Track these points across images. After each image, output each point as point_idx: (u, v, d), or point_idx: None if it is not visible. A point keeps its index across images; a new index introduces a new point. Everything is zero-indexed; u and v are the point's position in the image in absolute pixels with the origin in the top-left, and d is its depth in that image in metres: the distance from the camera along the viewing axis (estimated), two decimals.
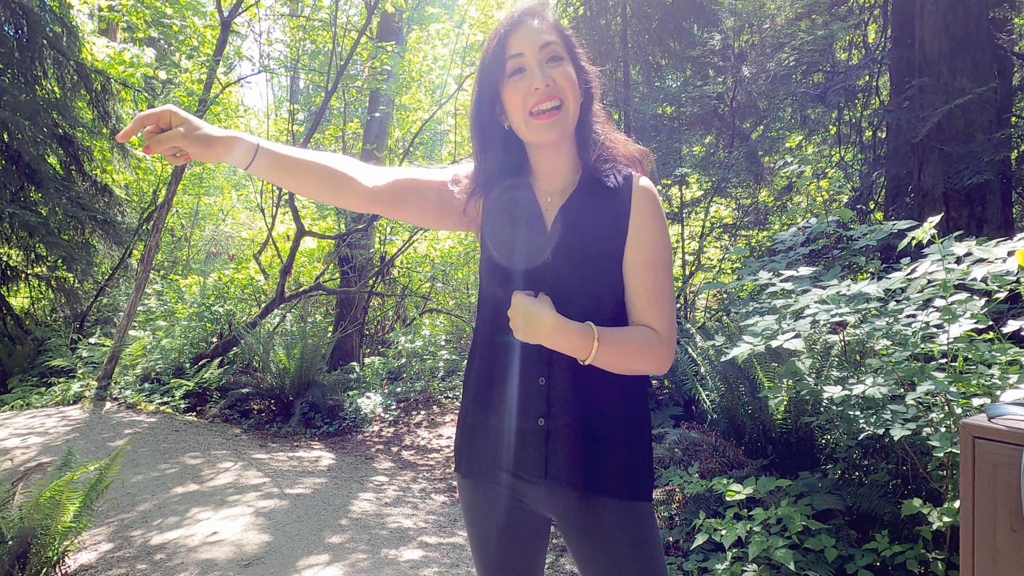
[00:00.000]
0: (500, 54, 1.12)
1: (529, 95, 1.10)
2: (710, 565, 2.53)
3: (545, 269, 1.15)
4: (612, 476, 1.13)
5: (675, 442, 3.47)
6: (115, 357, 6.05)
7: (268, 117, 11.85)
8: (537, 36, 1.11)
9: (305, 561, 2.88)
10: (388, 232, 8.73)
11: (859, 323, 2.35)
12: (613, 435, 1.14)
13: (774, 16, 5.87)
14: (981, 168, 3.73)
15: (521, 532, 1.21)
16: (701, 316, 7.00)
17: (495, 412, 1.18)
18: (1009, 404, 1.26)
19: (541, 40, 1.11)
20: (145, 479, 3.93)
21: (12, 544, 2.43)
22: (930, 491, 2.36)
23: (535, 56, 1.11)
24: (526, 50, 1.11)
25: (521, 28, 1.12)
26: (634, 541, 1.12)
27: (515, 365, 1.16)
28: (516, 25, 1.12)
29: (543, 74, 1.10)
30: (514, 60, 1.11)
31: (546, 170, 1.20)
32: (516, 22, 1.12)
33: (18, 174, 6.27)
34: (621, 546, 1.12)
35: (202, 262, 12.60)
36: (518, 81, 1.11)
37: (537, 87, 1.09)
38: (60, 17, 6.66)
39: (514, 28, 1.12)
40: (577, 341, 1.05)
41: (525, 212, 1.20)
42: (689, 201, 6.65)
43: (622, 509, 1.13)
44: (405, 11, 8.64)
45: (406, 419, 5.89)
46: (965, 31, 4.02)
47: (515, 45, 1.11)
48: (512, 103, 1.13)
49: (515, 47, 1.11)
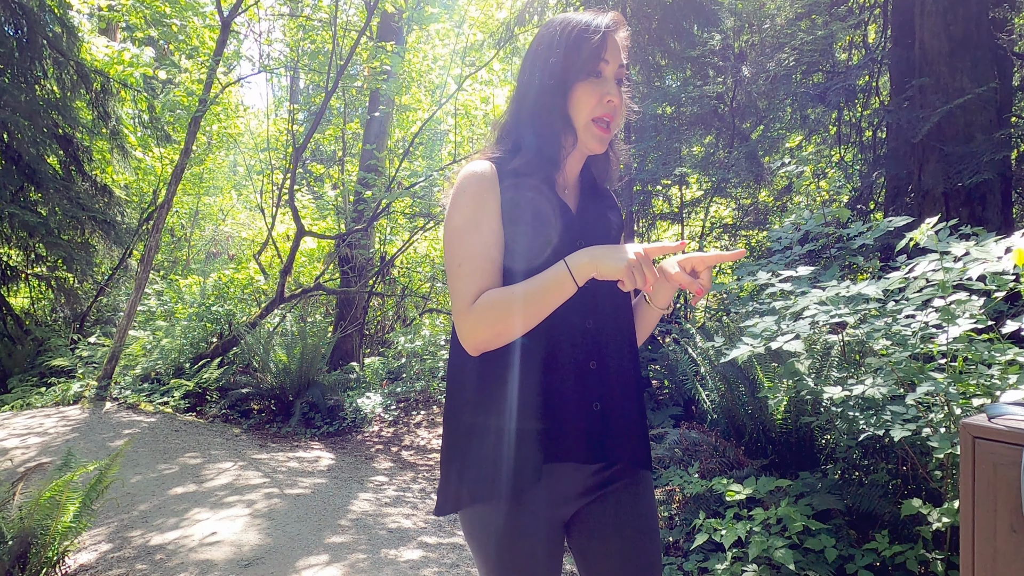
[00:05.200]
0: (598, 50, 1.11)
1: (600, 104, 1.12)
2: (710, 565, 2.53)
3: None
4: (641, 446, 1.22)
5: (675, 442, 3.47)
6: (115, 357, 6.05)
7: (268, 117, 11.82)
8: (622, 53, 1.15)
9: (305, 561, 2.88)
10: (388, 232, 8.73)
11: (858, 323, 2.35)
12: (642, 410, 1.23)
13: (774, 16, 5.87)
14: (981, 168, 3.73)
15: (559, 549, 1.18)
16: (701, 316, 7.00)
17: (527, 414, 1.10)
18: (1009, 404, 1.26)
19: (622, 59, 1.14)
20: (145, 479, 3.93)
21: (12, 544, 2.43)
22: (930, 491, 2.36)
23: (615, 70, 1.13)
24: (612, 60, 1.13)
25: (617, 36, 1.13)
26: (652, 509, 1.23)
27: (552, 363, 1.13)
28: (615, 29, 1.13)
29: (617, 92, 1.13)
30: (603, 64, 1.12)
31: (571, 165, 1.22)
32: (614, 26, 1.13)
33: (18, 174, 6.27)
34: (649, 514, 1.20)
35: (202, 262, 12.59)
36: (596, 84, 1.12)
37: (611, 100, 1.12)
38: (60, 17, 6.66)
39: (613, 31, 1.13)
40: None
41: (552, 210, 1.15)
42: (689, 201, 6.65)
43: (645, 479, 1.22)
44: (405, 11, 8.63)
45: (406, 419, 5.89)
46: (965, 31, 4.02)
47: (609, 50, 1.12)
48: (583, 102, 1.12)
49: (608, 52, 1.12)
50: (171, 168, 8.38)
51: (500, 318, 1.05)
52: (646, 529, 1.18)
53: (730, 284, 2.81)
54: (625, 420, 1.17)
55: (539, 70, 1.14)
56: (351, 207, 7.99)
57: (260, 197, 10.37)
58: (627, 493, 1.19)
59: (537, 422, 1.10)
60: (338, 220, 8.51)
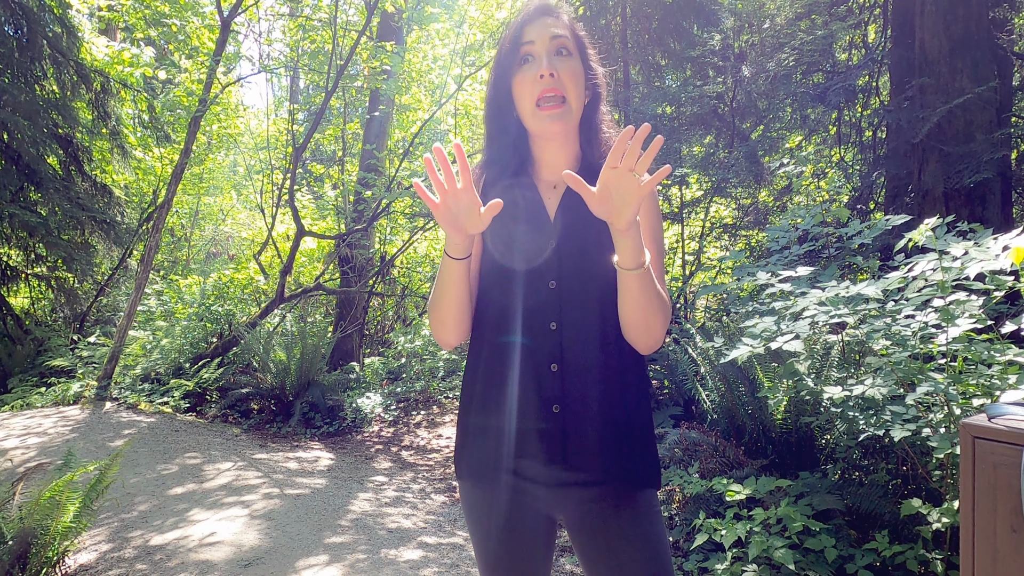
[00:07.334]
0: (514, 43, 1.16)
1: (536, 83, 1.13)
2: (710, 565, 2.53)
3: (550, 275, 1.15)
4: (626, 461, 1.13)
5: (675, 442, 3.47)
6: (115, 357, 6.04)
7: (268, 117, 11.82)
8: (549, 28, 1.16)
9: (304, 561, 2.87)
10: (388, 232, 8.73)
11: (858, 324, 2.35)
12: (625, 420, 1.15)
13: (774, 16, 5.87)
14: (981, 168, 3.73)
15: (525, 532, 1.18)
16: (701, 316, 7.01)
17: (499, 412, 1.16)
18: (1009, 404, 1.26)
19: (552, 32, 1.15)
20: (145, 479, 3.93)
21: (12, 544, 2.43)
22: (930, 491, 2.36)
23: (544, 46, 1.15)
24: (536, 39, 1.15)
25: (536, 20, 1.17)
26: (647, 531, 1.13)
27: (517, 363, 1.16)
28: (531, 16, 1.17)
29: (549, 63, 1.13)
30: (525, 47, 1.15)
31: (551, 161, 1.23)
32: (532, 14, 1.18)
33: (18, 174, 6.27)
34: (635, 536, 1.12)
35: (202, 262, 12.58)
36: (527, 70, 1.15)
37: (542, 74, 1.12)
38: (60, 17, 6.66)
39: (529, 19, 1.17)
40: (640, 242, 1.02)
41: (525, 211, 1.21)
42: (689, 201, 6.65)
43: (636, 497, 1.14)
44: (405, 11, 8.63)
45: (406, 419, 5.89)
46: (965, 31, 4.02)
47: (527, 34, 1.16)
48: (521, 92, 1.16)
49: (527, 36, 1.16)
50: (171, 168, 8.38)
51: (430, 308, 1.17)
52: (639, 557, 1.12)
53: (730, 284, 2.81)
54: (593, 426, 1.12)
55: (489, 80, 1.23)
56: (351, 207, 7.99)
57: (260, 197, 10.36)
58: (622, 515, 1.14)
59: (497, 419, 1.17)
60: (338, 220, 8.50)
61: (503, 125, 1.21)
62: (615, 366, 1.13)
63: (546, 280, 1.15)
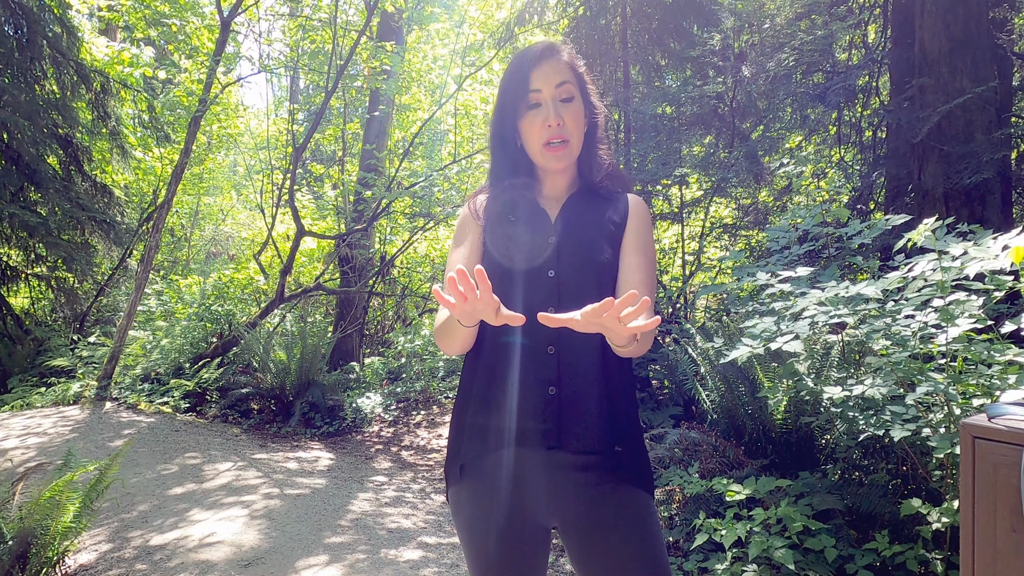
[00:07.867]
0: (523, 86, 1.24)
1: (544, 130, 1.22)
2: (710, 565, 2.53)
3: (549, 265, 1.20)
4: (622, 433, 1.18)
5: (675, 442, 3.47)
6: (115, 357, 6.04)
7: (268, 117, 11.82)
8: (555, 75, 1.23)
9: (304, 561, 2.88)
10: (388, 232, 8.73)
11: (858, 324, 2.35)
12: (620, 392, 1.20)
13: (774, 16, 5.87)
14: (981, 168, 3.73)
15: (520, 537, 1.19)
16: (701, 316, 7.01)
17: (499, 404, 1.18)
18: (1009, 404, 1.26)
19: (557, 79, 1.23)
20: (145, 479, 3.93)
21: (12, 544, 2.43)
22: (930, 491, 2.36)
23: (550, 93, 1.23)
24: (543, 87, 1.23)
25: (542, 65, 1.23)
26: (644, 533, 1.15)
27: (518, 356, 1.18)
28: (537, 61, 1.24)
29: (556, 112, 1.22)
30: (534, 95, 1.23)
31: (550, 183, 1.32)
32: (537, 58, 1.24)
33: (18, 174, 6.27)
34: (633, 537, 1.14)
35: (202, 262, 12.58)
36: (535, 115, 1.23)
37: (551, 124, 1.21)
38: (60, 17, 6.65)
39: (536, 64, 1.23)
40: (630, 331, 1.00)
41: (525, 212, 1.28)
42: (689, 201, 6.65)
43: (634, 496, 1.17)
44: (405, 11, 8.63)
45: (406, 419, 5.89)
46: (965, 31, 4.01)
47: (535, 81, 1.23)
48: (529, 133, 1.25)
49: (535, 83, 1.23)
50: (171, 168, 8.37)
51: (436, 336, 1.22)
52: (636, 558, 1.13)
53: (730, 284, 2.81)
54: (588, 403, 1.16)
55: (495, 109, 1.32)
56: (351, 207, 7.98)
57: (260, 197, 10.36)
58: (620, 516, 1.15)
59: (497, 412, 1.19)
60: (338, 220, 8.50)
61: (508, 151, 1.30)
62: (611, 350, 1.17)
63: (545, 270, 1.20)
